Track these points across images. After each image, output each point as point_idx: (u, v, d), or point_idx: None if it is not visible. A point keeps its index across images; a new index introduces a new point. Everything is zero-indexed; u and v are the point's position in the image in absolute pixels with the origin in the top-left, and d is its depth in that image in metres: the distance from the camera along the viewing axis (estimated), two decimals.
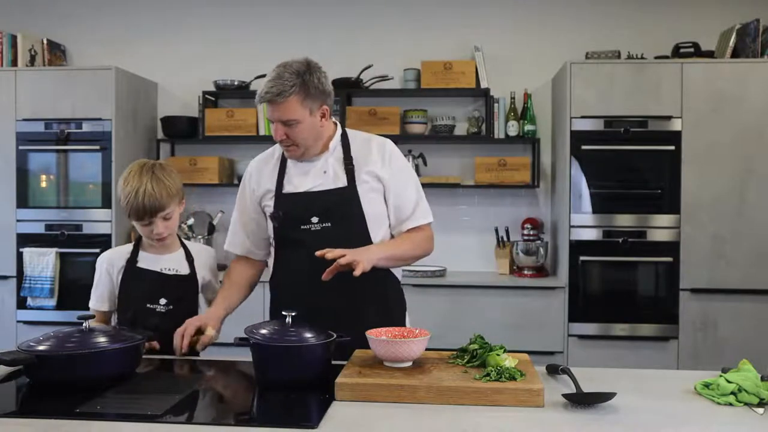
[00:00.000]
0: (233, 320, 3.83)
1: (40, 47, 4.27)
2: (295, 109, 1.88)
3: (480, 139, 4.17)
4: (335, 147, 2.01)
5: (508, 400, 1.41)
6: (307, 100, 1.89)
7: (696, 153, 3.68)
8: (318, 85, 1.91)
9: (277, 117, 1.89)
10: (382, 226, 2.01)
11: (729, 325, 3.66)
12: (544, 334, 3.72)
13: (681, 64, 3.71)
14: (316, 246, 1.85)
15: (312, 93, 1.90)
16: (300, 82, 1.87)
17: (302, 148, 1.95)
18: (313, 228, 1.95)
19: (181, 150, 4.44)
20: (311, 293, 1.90)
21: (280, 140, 1.93)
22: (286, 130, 1.90)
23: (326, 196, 1.96)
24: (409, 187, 2.03)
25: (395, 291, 2.10)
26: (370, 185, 1.98)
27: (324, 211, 1.95)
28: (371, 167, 1.98)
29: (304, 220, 1.95)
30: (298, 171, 2.01)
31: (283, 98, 1.85)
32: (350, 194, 1.96)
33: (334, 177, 1.98)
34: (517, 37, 4.27)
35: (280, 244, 2.05)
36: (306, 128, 1.91)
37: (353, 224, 1.95)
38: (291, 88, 1.86)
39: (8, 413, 1.38)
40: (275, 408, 1.46)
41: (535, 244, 4.00)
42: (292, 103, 1.87)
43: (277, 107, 1.88)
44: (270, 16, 4.41)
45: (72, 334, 1.59)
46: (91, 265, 3.93)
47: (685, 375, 1.67)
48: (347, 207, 1.95)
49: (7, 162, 4.00)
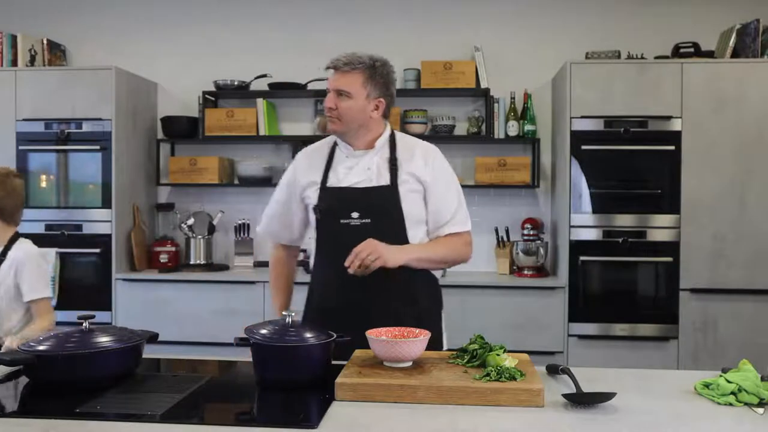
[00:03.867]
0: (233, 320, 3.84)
1: (40, 47, 4.27)
2: (354, 84, 1.98)
3: (480, 139, 4.18)
4: (382, 146, 2.06)
5: (508, 400, 1.41)
6: (368, 84, 1.99)
7: (696, 153, 3.68)
8: (384, 78, 2.03)
9: (335, 85, 1.99)
10: (420, 226, 2.05)
11: (729, 325, 3.66)
12: (544, 334, 3.72)
13: (681, 64, 3.71)
14: (354, 241, 1.90)
15: (376, 80, 2.00)
16: (370, 64, 2.00)
17: (344, 125, 2.01)
18: (353, 223, 1.99)
19: (181, 150, 4.44)
20: (347, 287, 1.94)
21: (328, 108, 2.00)
22: (337, 100, 1.99)
23: (368, 193, 2.00)
24: (450, 193, 2.07)
25: (432, 290, 2.12)
26: (410, 186, 2.01)
27: (365, 207, 1.99)
28: (413, 169, 2.02)
29: (344, 214, 2.00)
30: (344, 166, 2.06)
31: (349, 68, 1.98)
32: (391, 193, 2.00)
33: (377, 175, 2.02)
34: (517, 37, 4.27)
35: (320, 237, 2.09)
36: (355, 107, 1.99)
37: (392, 222, 1.99)
38: (359, 64, 1.98)
39: (8, 413, 1.38)
40: (275, 408, 1.46)
41: (535, 244, 3.99)
42: (354, 76, 1.98)
43: (339, 76, 1.99)
44: (270, 16, 4.41)
45: (72, 334, 1.59)
46: (91, 265, 3.98)
47: (685, 375, 1.67)
48: (387, 205, 1.99)
49: (7, 162, 3.98)
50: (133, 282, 3.96)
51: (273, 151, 4.41)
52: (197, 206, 4.35)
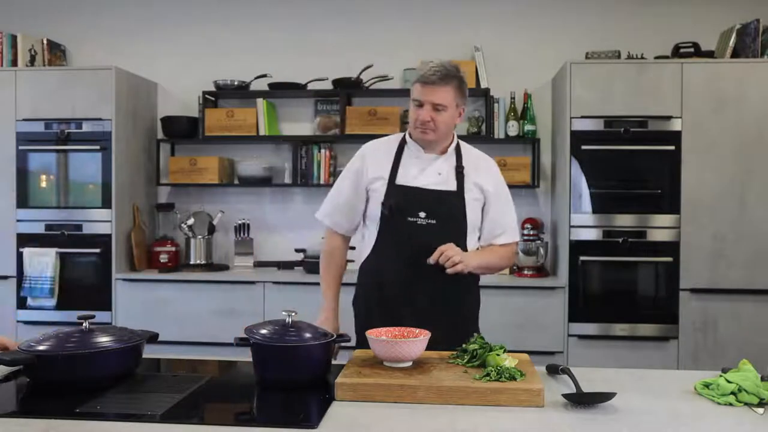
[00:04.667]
0: (233, 320, 3.84)
1: (40, 47, 4.27)
2: (450, 97, 2.06)
3: (480, 139, 4.17)
4: (452, 153, 2.17)
5: (508, 400, 1.41)
6: (458, 94, 2.09)
7: (696, 153, 3.68)
8: (466, 87, 2.13)
9: (430, 99, 2.05)
10: (475, 233, 2.17)
11: (729, 325, 3.66)
12: (544, 334, 3.72)
13: (681, 64, 3.71)
14: (418, 239, 2.04)
15: (462, 90, 2.11)
16: (459, 76, 2.09)
17: (438, 134, 2.09)
18: (420, 222, 2.07)
19: (181, 150, 4.44)
20: (405, 282, 2.06)
21: (424, 122, 2.06)
22: (434, 114, 2.06)
23: (437, 195, 2.10)
24: (507, 205, 2.23)
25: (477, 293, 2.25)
26: (474, 194, 2.13)
27: (432, 209, 2.08)
28: (478, 179, 2.15)
29: (413, 212, 2.08)
30: (414, 166, 2.14)
31: (445, 83, 2.05)
32: (458, 198, 2.11)
33: (446, 179, 2.12)
34: (517, 37, 4.27)
35: (384, 232, 2.14)
36: (449, 117, 2.09)
37: (456, 226, 2.09)
38: (453, 78, 2.07)
39: (8, 413, 1.38)
40: (275, 408, 1.46)
41: (535, 244, 3.99)
42: (449, 90, 2.06)
43: (435, 90, 2.04)
44: (270, 16, 4.41)
45: (72, 334, 1.59)
46: (91, 265, 3.98)
47: (685, 375, 1.67)
48: (453, 209, 2.10)
49: (7, 162, 4.00)
50: (133, 282, 3.95)
51: (273, 151, 4.41)
52: (197, 206, 4.35)
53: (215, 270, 4.15)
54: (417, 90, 2.07)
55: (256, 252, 4.31)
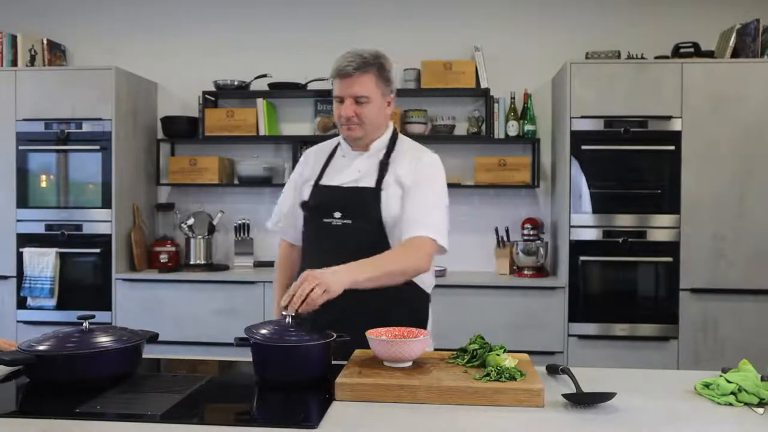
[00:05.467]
0: (233, 320, 3.84)
1: (40, 47, 4.27)
2: (371, 87, 1.93)
3: (480, 139, 4.17)
4: (379, 149, 2.02)
5: (508, 400, 1.41)
6: (381, 82, 1.95)
7: (696, 153, 3.68)
8: (390, 73, 1.99)
9: (350, 92, 1.92)
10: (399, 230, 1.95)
11: (729, 325, 3.66)
12: (544, 334, 3.72)
13: (681, 64, 3.71)
14: (334, 240, 1.93)
15: (385, 77, 1.97)
16: (378, 63, 1.95)
17: (366, 128, 1.97)
18: (335, 222, 1.96)
19: (181, 150, 4.44)
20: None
21: (348, 117, 1.94)
22: (357, 107, 1.93)
23: (351, 193, 1.98)
24: (424, 197, 1.94)
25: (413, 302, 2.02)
26: (393, 189, 1.96)
27: (346, 208, 1.96)
28: (400, 172, 1.97)
29: (328, 213, 1.97)
30: (340, 165, 2.04)
31: (361, 72, 1.91)
32: (373, 195, 1.95)
33: (365, 176, 1.99)
34: (517, 37, 4.27)
35: (306, 234, 2.08)
36: (375, 109, 1.95)
37: (371, 225, 1.94)
38: (370, 65, 1.93)
39: (8, 413, 1.38)
40: (275, 408, 1.46)
41: (535, 244, 3.99)
42: (368, 79, 1.92)
43: (353, 82, 1.91)
44: (270, 16, 4.41)
45: (72, 334, 1.59)
46: (91, 265, 3.98)
47: (685, 375, 1.67)
48: (367, 207, 1.95)
49: (7, 162, 4.00)
50: (133, 282, 3.95)
51: (273, 151, 4.41)
52: (197, 206, 4.35)
53: (215, 270, 4.15)
54: (336, 85, 1.94)
55: (256, 252, 4.31)
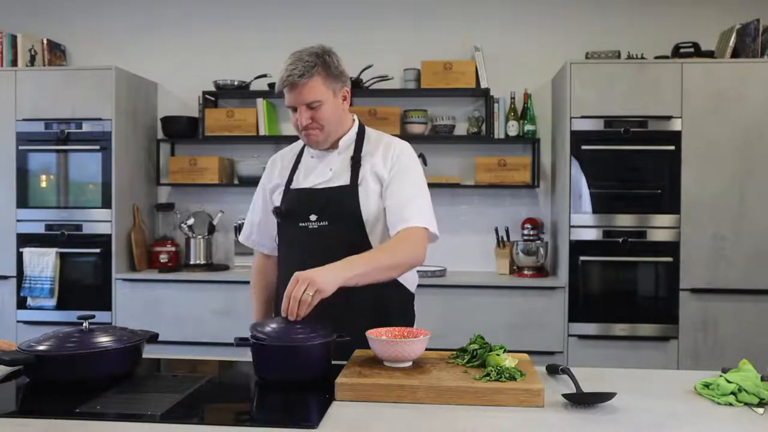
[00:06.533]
0: (233, 320, 3.84)
1: (40, 47, 4.27)
2: (320, 90, 1.85)
3: (480, 139, 4.17)
4: (348, 145, 1.96)
5: (508, 400, 1.41)
6: (329, 80, 1.87)
7: (696, 153, 3.68)
8: (337, 66, 1.90)
9: (300, 100, 1.85)
10: (380, 227, 1.91)
11: (729, 325, 3.66)
12: (544, 334, 3.72)
13: (681, 64, 3.71)
14: (312, 244, 1.86)
15: (333, 73, 1.88)
16: (321, 62, 1.86)
17: (326, 131, 1.90)
18: (311, 226, 1.89)
19: (181, 150, 4.44)
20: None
21: (305, 125, 1.87)
22: (311, 113, 1.86)
23: (326, 194, 1.90)
24: (405, 188, 1.88)
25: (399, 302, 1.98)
26: (370, 184, 1.89)
27: (322, 209, 1.89)
28: (375, 166, 1.91)
29: (303, 217, 1.90)
30: (309, 167, 1.98)
31: (307, 78, 1.82)
32: (349, 193, 1.88)
33: (338, 175, 1.92)
34: (517, 37, 4.27)
35: (281, 241, 2.02)
36: (330, 109, 1.88)
37: (350, 224, 1.87)
38: (313, 68, 1.83)
39: (8, 413, 1.38)
40: (275, 408, 1.46)
41: (535, 244, 3.99)
42: (316, 83, 1.84)
43: (301, 89, 1.83)
44: (270, 16, 4.41)
45: (72, 334, 1.59)
46: (91, 265, 3.98)
47: (685, 375, 1.67)
48: (345, 206, 1.88)
49: (7, 162, 4.00)
50: (133, 282, 3.95)
51: (273, 151, 4.31)
52: (197, 206, 4.35)
53: (215, 270, 4.15)
54: (286, 96, 1.86)
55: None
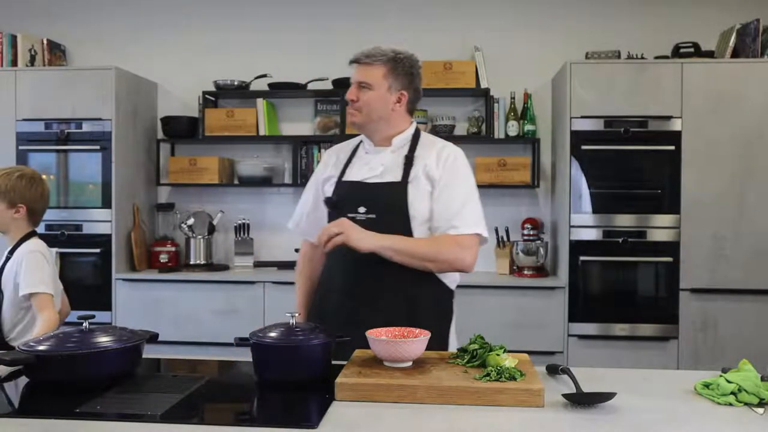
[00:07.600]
0: (233, 320, 3.84)
1: (40, 47, 4.27)
2: (375, 77, 1.98)
3: (480, 139, 4.17)
4: (402, 144, 2.04)
5: (508, 401, 1.41)
6: (390, 75, 1.99)
7: (696, 153, 3.68)
8: (407, 71, 2.03)
9: (356, 77, 2.01)
10: (424, 225, 1.96)
11: (729, 325, 3.66)
12: (544, 334, 3.72)
13: (681, 64, 3.71)
14: None
15: (398, 73, 2.01)
16: (393, 57, 2.00)
17: (364, 116, 2.01)
18: (359, 217, 1.95)
19: (181, 150, 4.44)
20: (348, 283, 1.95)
21: (350, 101, 2.01)
22: (359, 93, 2.00)
23: (376, 188, 1.98)
24: (456, 193, 1.95)
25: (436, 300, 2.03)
26: (420, 183, 1.95)
27: (371, 202, 1.96)
28: (428, 167, 1.97)
29: (352, 208, 1.97)
30: (363, 161, 2.05)
31: (370, 60, 1.99)
32: (399, 190, 1.95)
33: (389, 171, 1.99)
34: (517, 37, 4.27)
35: None
36: (375, 98, 1.99)
37: (397, 219, 1.93)
38: (382, 56, 1.99)
39: (8, 413, 1.38)
40: (275, 408, 1.46)
41: (535, 244, 3.99)
42: (375, 69, 1.99)
43: (360, 68, 2.00)
44: (270, 16, 4.41)
45: (72, 334, 1.59)
46: (91, 265, 3.98)
47: (685, 375, 1.67)
48: (394, 202, 1.95)
49: (7, 162, 3.99)
50: (133, 282, 3.95)
51: (273, 151, 4.41)
52: (197, 206, 4.35)
53: (215, 270, 4.15)
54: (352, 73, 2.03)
55: (256, 252, 4.31)
